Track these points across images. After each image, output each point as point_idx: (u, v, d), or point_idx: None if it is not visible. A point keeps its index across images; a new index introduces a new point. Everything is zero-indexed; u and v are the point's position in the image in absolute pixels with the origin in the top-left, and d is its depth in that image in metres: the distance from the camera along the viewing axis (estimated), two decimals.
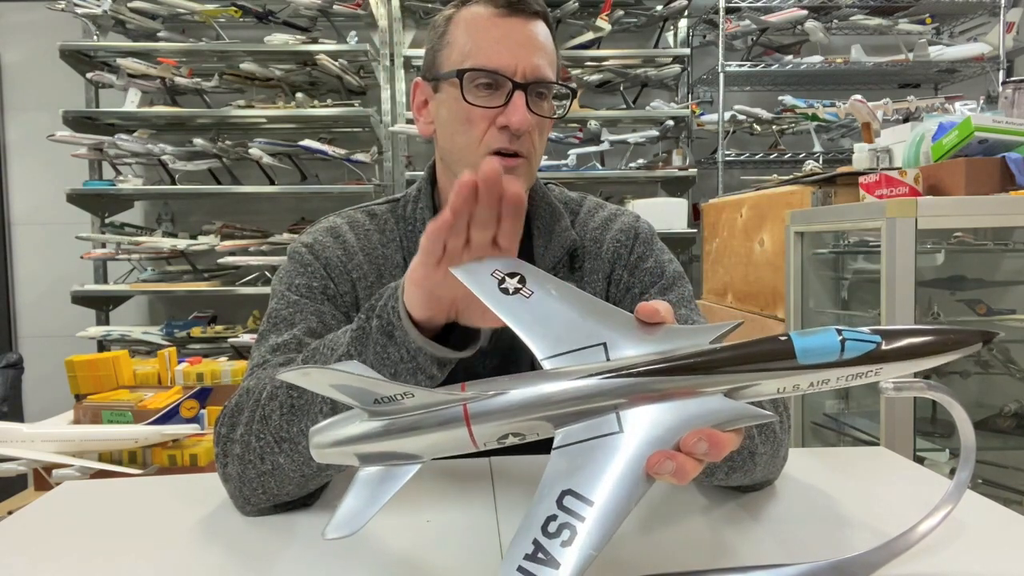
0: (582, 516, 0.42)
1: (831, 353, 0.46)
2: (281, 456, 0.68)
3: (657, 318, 0.51)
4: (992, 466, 1.85)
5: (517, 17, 0.88)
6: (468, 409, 0.47)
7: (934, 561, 0.60)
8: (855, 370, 0.47)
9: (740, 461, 0.68)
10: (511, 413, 0.47)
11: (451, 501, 0.75)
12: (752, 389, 0.47)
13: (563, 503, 0.42)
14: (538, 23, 0.90)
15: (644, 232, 0.99)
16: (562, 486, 0.43)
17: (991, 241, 2.02)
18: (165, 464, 1.64)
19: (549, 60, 0.90)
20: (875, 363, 0.47)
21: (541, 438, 0.48)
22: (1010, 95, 1.85)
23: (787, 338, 0.47)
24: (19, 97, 3.83)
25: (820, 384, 0.47)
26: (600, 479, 0.43)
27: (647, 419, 0.46)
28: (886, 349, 0.47)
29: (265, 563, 0.63)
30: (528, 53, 0.87)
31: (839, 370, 0.47)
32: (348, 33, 3.48)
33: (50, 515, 0.76)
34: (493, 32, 0.87)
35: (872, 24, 3.74)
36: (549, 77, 0.89)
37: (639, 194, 3.75)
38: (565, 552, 0.40)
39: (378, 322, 0.64)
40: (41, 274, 3.85)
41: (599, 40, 3.59)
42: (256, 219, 3.69)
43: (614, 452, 0.45)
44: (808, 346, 0.46)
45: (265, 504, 0.72)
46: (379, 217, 0.97)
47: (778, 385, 0.47)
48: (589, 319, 0.52)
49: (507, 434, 0.48)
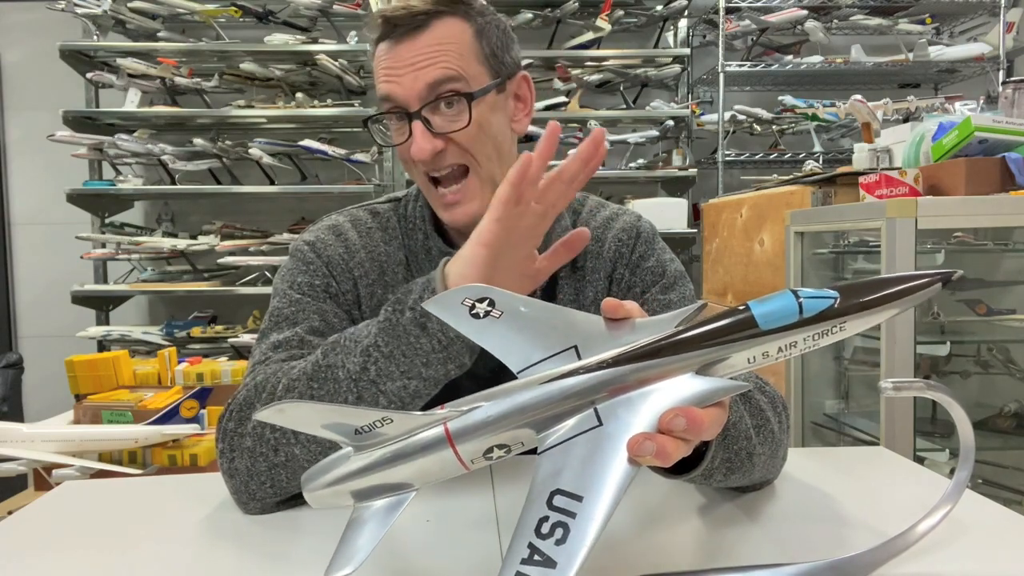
0: (573, 513, 0.42)
1: (791, 315, 0.47)
2: (297, 447, 0.70)
3: (621, 312, 0.52)
4: (992, 466, 1.85)
5: (402, 42, 0.83)
6: (449, 427, 0.48)
7: (933, 561, 0.60)
8: (818, 328, 0.47)
9: (739, 462, 0.67)
10: (492, 425, 0.47)
11: (451, 501, 0.75)
12: (723, 364, 0.48)
13: (553, 503, 0.43)
14: (432, 27, 0.83)
15: (646, 231, 0.99)
16: (551, 487, 0.44)
17: (991, 241, 2.02)
18: (165, 464, 1.64)
19: (449, 59, 0.82)
20: (836, 318, 0.47)
21: (526, 448, 0.49)
22: (1010, 95, 1.85)
23: (745, 307, 0.48)
24: (19, 97, 3.83)
25: (788, 348, 0.48)
26: (586, 474, 0.44)
27: (624, 409, 0.47)
28: (844, 305, 0.47)
29: (265, 563, 0.63)
30: (413, 73, 0.82)
31: (802, 330, 0.47)
32: (348, 33, 3.48)
33: (50, 515, 0.76)
34: (384, 65, 0.85)
35: (872, 24, 3.74)
36: (438, 80, 0.82)
37: (639, 194, 3.75)
38: (560, 551, 0.41)
39: (411, 314, 0.67)
40: (41, 274, 3.85)
41: (599, 40, 3.59)
42: (256, 219, 3.69)
43: (597, 446, 0.46)
44: (767, 311, 0.47)
45: (270, 499, 0.73)
46: (381, 215, 0.97)
47: (747, 355, 0.48)
48: (559, 327, 0.53)
49: (491, 447, 0.48)
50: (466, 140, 0.84)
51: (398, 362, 0.68)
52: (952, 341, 1.92)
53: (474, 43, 0.85)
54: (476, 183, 0.86)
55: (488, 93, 0.85)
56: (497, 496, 0.76)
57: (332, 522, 0.71)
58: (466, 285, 0.59)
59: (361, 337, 0.70)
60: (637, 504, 0.73)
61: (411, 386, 0.69)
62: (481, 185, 0.87)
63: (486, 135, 0.86)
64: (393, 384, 0.69)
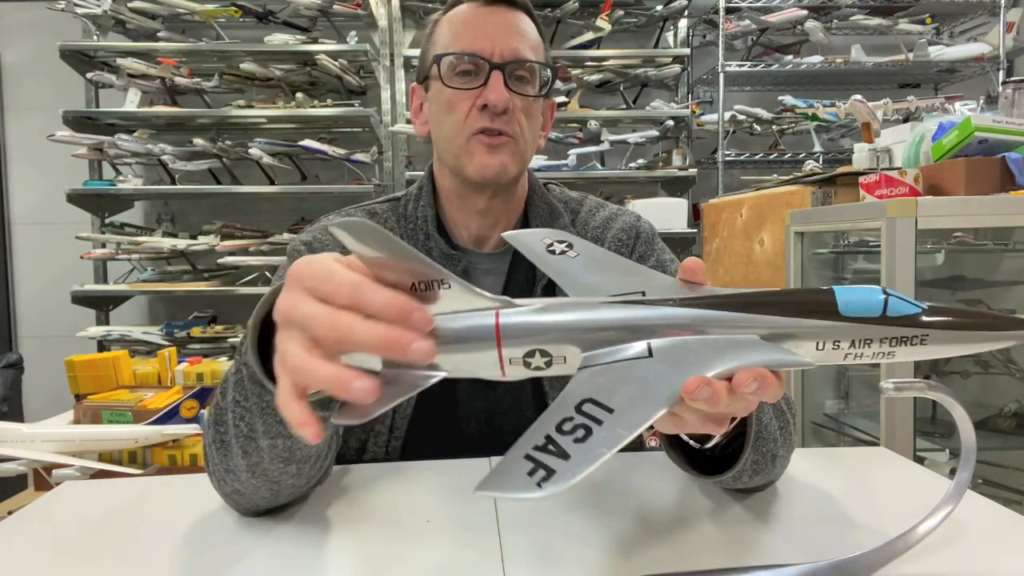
0: (600, 420, 0.40)
1: (874, 308, 0.44)
2: (235, 482, 0.67)
3: (700, 276, 0.50)
4: (992, 466, 1.85)
5: (497, 7, 0.90)
6: (500, 316, 0.45)
7: (934, 561, 0.60)
8: (898, 332, 0.45)
9: (764, 464, 0.68)
10: (543, 329, 0.45)
11: (451, 501, 0.75)
12: (791, 340, 0.45)
13: (582, 408, 0.41)
14: (519, 14, 0.91)
15: (645, 231, 0.99)
16: (583, 395, 0.42)
17: (991, 241, 2.02)
18: (165, 464, 1.64)
19: (531, 46, 0.90)
20: (919, 328, 0.44)
21: (566, 369, 0.46)
22: (1010, 95, 1.85)
23: (830, 289, 0.46)
24: (19, 97, 3.83)
25: (862, 345, 0.45)
26: (623, 393, 0.42)
27: (678, 347, 0.45)
28: (930, 319, 0.45)
29: (265, 562, 0.62)
30: (506, 36, 0.88)
31: (881, 329, 0.45)
32: (348, 33, 3.47)
33: (50, 515, 0.76)
34: (472, 21, 0.90)
35: (872, 24, 3.73)
36: (528, 58, 0.90)
37: (639, 194, 3.75)
38: (578, 448, 0.39)
39: (247, 371, 0.59)
40: (41, 274, 3.85)
41: (599, 40, 3.59)
42: (256, 219, 3.68)
43: (642, 375, 0.44)
44: (851, 298, 0.45)
45: (251, 511, 0.72)
46: (379, 216, 0.97)
47: (818, 340, 0.45)
48: (632, 276, 0.52)
49: (535, 351, 0.45)
50: (524, 110, 0.90)
51: (258, 419, 0.61)
52: None
53: (543, 51, 0.94)
54: (512, 148, 0.90)
55: (544, 88, 0.92)
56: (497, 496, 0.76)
57: (333, 522, 0.71)
58: (547, 229, 0.61)
59: (227, 389, 0.63)
60: (638, 504, 0.73)
61: (279, 444, 0.62)
62: (513, 157, 0.90)
63: (532, 121, 0.92)
64: (264, 441, 0.62)
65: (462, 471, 0.83)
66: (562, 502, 0.73)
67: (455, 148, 0.90)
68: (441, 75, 0.89)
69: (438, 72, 0.89)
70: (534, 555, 0.62)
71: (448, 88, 0.89)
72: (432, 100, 0.94)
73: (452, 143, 0.90)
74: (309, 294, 0.44)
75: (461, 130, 0.89)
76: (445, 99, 0.90)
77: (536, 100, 0.92)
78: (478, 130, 0.88)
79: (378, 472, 0.83)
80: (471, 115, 0.88)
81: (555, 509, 0.71)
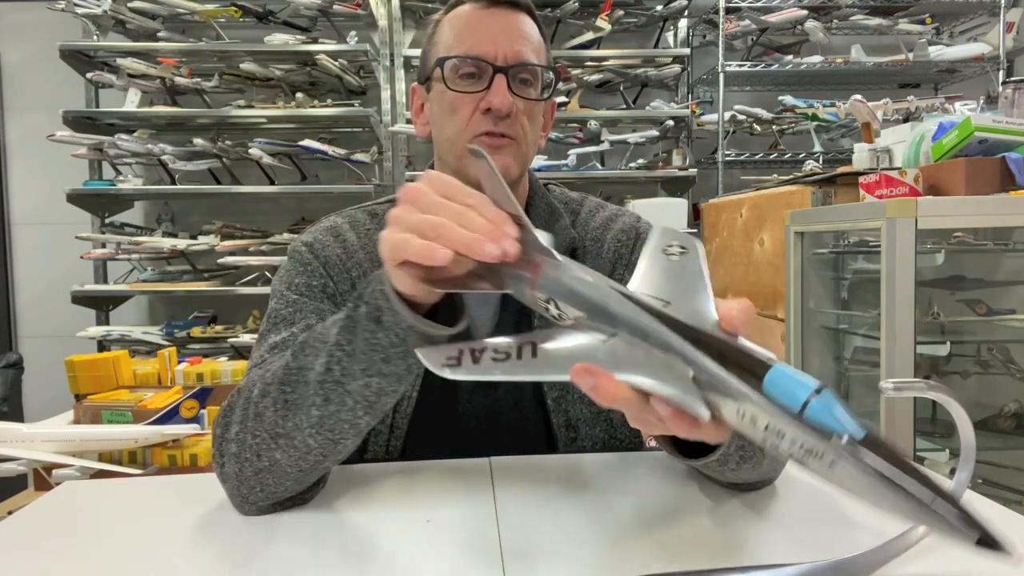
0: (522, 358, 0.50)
1: (792, 401, 0.39)
2: (278, 452, 0.68)
3: (737, 328, 0.47)
4: (992, 466, 1.85)
5: (499, 9, 0.90)
6: (544, 266, 0.56)
7: (934, 561, 0.60)
8: (808, 438, 0.39)
9: (750, 451, 0.68)
10: (563, 288, 0.54)
11: (451, 501, 0.75)
12: (714, 393, 0.43)
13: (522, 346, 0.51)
14: (522, 16, 0.91)
15: (645, 232, 0.99)
16: (537, 338, 0.51)
17: (991, 241, 2.02)
18: (165, 464, 1.64)
19: (534, 48, 0.90)
20: (826, 440, 0.38)
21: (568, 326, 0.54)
22: (1010, 95, 1.85)
23: (772, 360, 0.42)
24: (19, 97, 3.83)
25: (776, 435, 0.40)
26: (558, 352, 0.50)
27: (630, 347, 0.49)
28: (848, 444, 0.38)
29: (266, 563, 0.62)
30: (508, 39, 0.88)
31: (793, 427, 0.39)
32: (348, 33, 3.48)
33: (50, 515, 0.76)
34: (474, 23, 0.89)
35: (872, 24, 3.74)
36: (532, 61, 0.90)
37: (639, 194, 3.75)
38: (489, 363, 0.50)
39: (366, 308, 0.63)
40: (41, 274, 3.85)
41: (599, 40, 3.59)
42: (256, 219, 3.69)
43: (585, 345, 0.50)
44: (779, 378, 0.40)
45: (264, 502, 0.72)
46: (380, 216, 0.97)
47: (738, 407, 0.42)
48: (686, 292, 0.56)
49: (552, 300, 0.55)
50: (527, 112, 0.90)
51: (359, 360, 0.65)
52: (952, 341, 1.92)
53: (545, 52, 0.94)
54: (515, 151, 0.90)
55: (546, 90, 0.93)
56: (497, 496, 0.76)
57: (333, 522, 0.71)
58: (669, 228, 0.65)
59: (328, 336, 0.67)
60: (637, 503, 0.73)
61: (373, 384, 0.65)
62: (515, 159, 0.91)
63: (535, 123, 0.93)
64: (356, 383, 0.65)
65: (462, 471, 0.83)
66: (562, 502, 0.73)
67: (457, 150, 0.90)
68: (444, 77, 0.89)
69: (441, 74, 0.89)
70: (534, 555, 0.62)
71: (451, 91, 0.89)
72: (434, 101, 0.93)
73: (454, 145, 0.90)
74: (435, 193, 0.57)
75: (464, 133, 0.89)
76: (448, 101, 0.89)
77: (538, 102, 0.92)
78: (481, 133, 0.88)
79: (378, 472, 0.83)
80: (474, 118, 0.88)
81: (555, 509, 0.71)
